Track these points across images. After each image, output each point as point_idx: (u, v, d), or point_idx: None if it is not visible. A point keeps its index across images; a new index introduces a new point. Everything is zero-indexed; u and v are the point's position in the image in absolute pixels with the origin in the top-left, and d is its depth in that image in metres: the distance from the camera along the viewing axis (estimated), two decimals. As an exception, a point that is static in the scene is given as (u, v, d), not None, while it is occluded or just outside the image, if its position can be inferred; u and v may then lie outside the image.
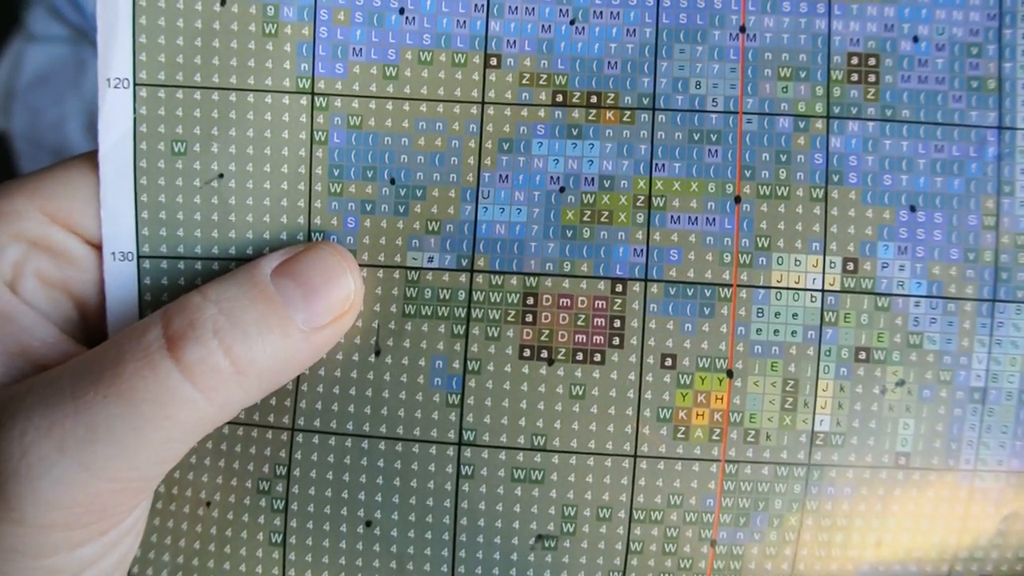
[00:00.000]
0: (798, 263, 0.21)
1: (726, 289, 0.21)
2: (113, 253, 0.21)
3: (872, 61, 0.21)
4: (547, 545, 0.21)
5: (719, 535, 0.21)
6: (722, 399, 0.21)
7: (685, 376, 0.21)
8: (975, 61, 0.21)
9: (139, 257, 0.21)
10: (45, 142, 0.46)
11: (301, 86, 0.21)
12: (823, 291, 0.21)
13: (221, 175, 0.21)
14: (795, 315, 0.21)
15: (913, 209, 0.21)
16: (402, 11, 0.21)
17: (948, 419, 0.21)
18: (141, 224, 0.21)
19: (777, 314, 0.21)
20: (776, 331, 0.21)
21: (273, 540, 0.22)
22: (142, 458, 0.18)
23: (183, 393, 0.18)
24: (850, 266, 0.21)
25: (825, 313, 0.21)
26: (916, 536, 0.22)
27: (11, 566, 0.18)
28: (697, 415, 0.21)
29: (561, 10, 0.21)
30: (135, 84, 0.21)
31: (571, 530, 0.21)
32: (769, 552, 0.21)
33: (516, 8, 0.21)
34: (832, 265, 0.21)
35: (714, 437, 0.21)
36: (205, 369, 0.18)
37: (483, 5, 0.21)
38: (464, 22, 0.21)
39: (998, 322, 0.21)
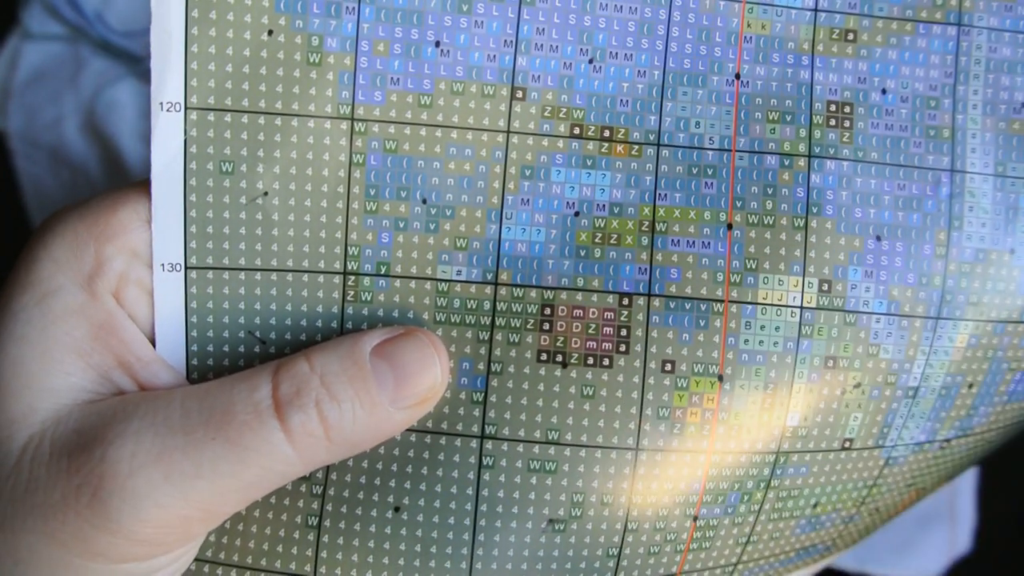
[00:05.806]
0: (781, 283, 0.24)
1: (719, 304, 0.24)
2: (162, 264, 0.22)
3: (847, 109, 0.24)
4: (557, 528, 0.24)
5: (700, 512, 0.24)
6: (713, 400, 0.24)
7: (682, 380, 0.24)
8: (933, 112, 0.25)
9: (187, 268, 0.23)
10: (41, 141, 0.45)
11: (342, 112, 0.23)
12: (801, 308, 0.24)
13: (266, 193, 0.23)
14: (777, 328, 0.24)
15: (879, 239, 0.25)
16: (438, 44, 0.23)
17: (887, 412, 0.25)
18: (189, 238, 0.22)
19: (762, 327, 0.24)
20: (761, 342, 0.24)
21: (309, 523, 0.23)
22: (233, 497, 0.20)
23: (282, 451, 0.20)
24: (825, 287, 0.24)
25: (803, 327, 0.24)
26: (843, 496, 0.26)
27: (92, 566, 0.20)
28: (691, 413, 0.24)
29: (582, 49, 0.24)
30: (186, 108, 0.22)
31: (578, 514, 0.24)
32: (737, 521, 0.25)
33: (542, 45, 0.23)
34: (810, 285, 0.24)
35: (704, 432, 0.24)
36: (303, 433, 0.20)
37: (512, 41, 0.23)
38: (494, 56, 0.23)
39: (937, 335, 0.25)
